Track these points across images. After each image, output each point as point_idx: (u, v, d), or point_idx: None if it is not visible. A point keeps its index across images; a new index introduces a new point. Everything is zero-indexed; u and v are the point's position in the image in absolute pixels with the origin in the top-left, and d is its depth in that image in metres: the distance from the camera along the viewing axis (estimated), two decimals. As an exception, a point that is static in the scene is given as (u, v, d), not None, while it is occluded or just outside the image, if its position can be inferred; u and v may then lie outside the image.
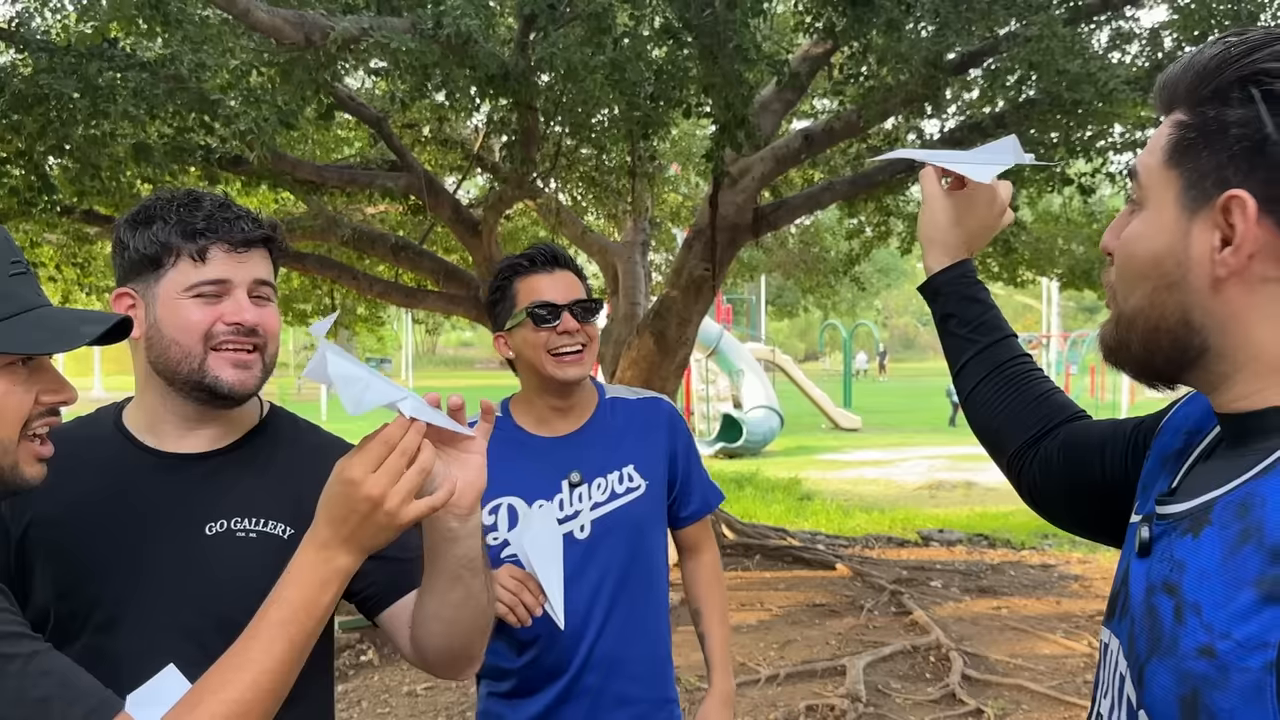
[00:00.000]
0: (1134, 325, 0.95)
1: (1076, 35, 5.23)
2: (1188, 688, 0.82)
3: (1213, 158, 0.87)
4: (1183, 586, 0.85)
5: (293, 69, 4.41)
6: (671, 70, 5.07)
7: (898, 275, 41.59)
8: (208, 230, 1.39)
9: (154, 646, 1.35)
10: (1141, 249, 0.93)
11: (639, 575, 2.03)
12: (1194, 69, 0.89)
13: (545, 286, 2.01)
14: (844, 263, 9.78)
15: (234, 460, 1.47)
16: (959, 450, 17.16)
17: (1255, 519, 0.80)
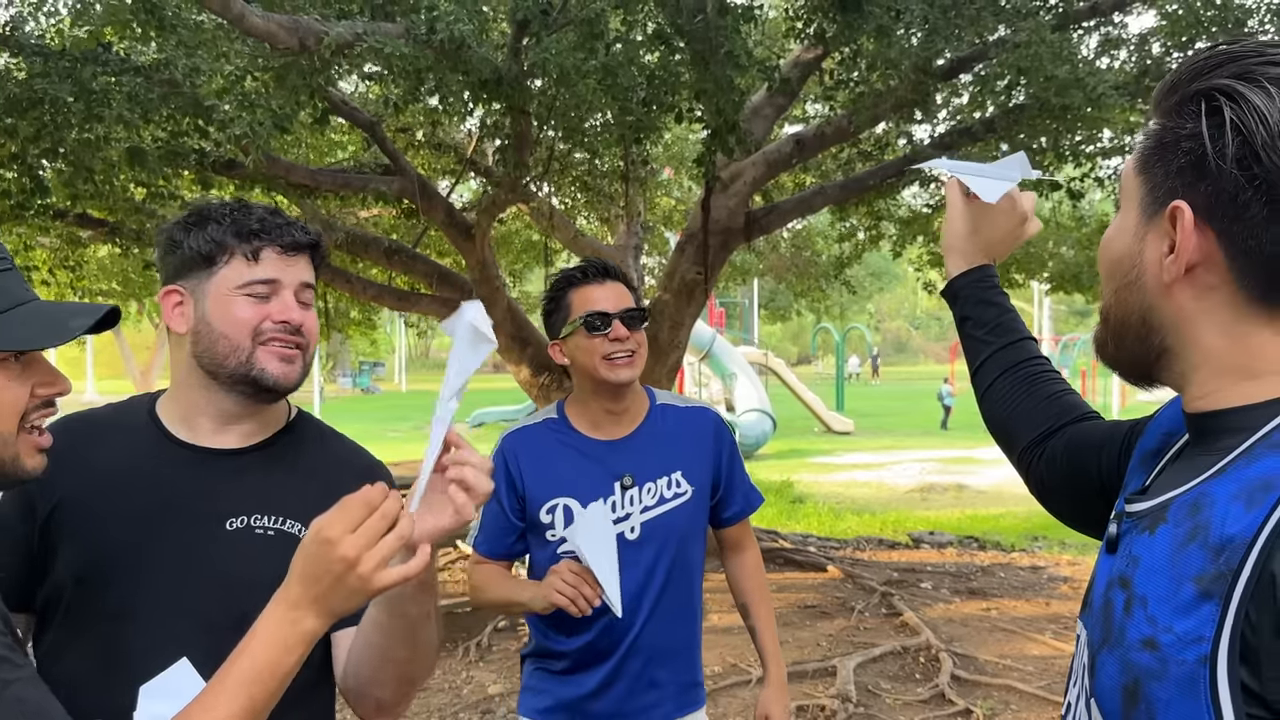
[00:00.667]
0: (1108, 322, 1.00)
1: (1065, 41, 5.27)
2: (1130, 677, 0.86)
3: (1166, 168, 0.91)
4: (1134, 580, 0.89)
5: (287, 74, 4.43)
6: (663, 76, 5.10)
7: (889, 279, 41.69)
8: (261, 232, 1.45)
9: (166, 637, 1.38)
10: (1109, 249, 0.99)
11: (681, 573, 2.18)
12: (1169, 79, 0.93)
13: (598, 297, 2.15)
14: (835, 266, 9.83)
15: (261, 458, 1.51)
16: (950, 453, 17.23)
17: (1203, 518, 0.83)
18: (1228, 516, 0.81)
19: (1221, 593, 0.78)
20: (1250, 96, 0.84)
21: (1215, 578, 0.79)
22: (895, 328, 70.37)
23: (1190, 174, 0.88)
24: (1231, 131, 0.85)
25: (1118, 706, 0.87)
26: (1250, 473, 0.83)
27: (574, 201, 8.86)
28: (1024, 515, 10.94)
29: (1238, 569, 0.78)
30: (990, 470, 15.06)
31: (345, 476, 1.51)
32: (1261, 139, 0.83)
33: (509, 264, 10.34)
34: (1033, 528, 10.17)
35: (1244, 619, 0.76)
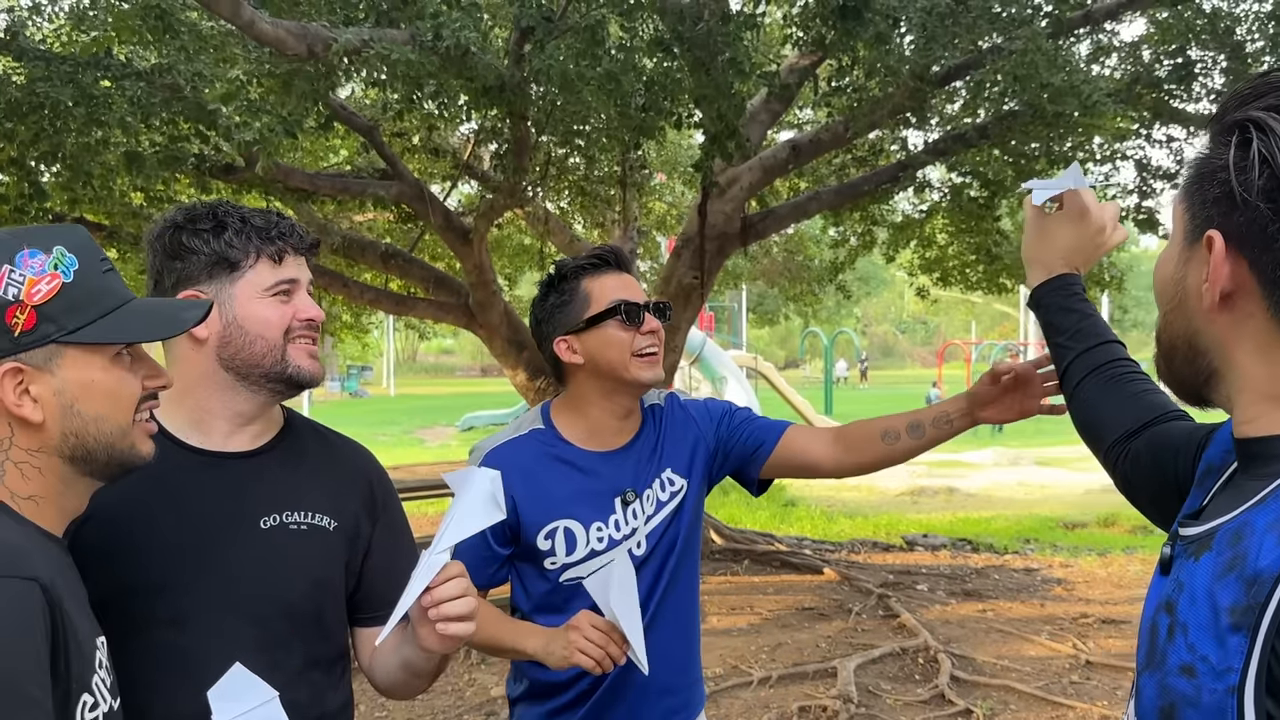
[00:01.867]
0: (1160, 342, 1.02)
1: (1060, 49, 5.34)
2: (1168, 701, 0.88)
3: (1204, 197, 0.92)
4: (1179, 607, 0.90)
5: (293, 80, 4.46)
6: (663, 81, 5.14)
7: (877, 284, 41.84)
8: (279, 236, 1.50)
9: (222, 637, 1.42)
10: (1159, 273, 1.01)
11: (685, 574, 2.04)
12: (1219, 106, 0.94)
13: (621, 286, 1.97)
14: (829, 271, 9.89)
15: (274, 458, 1.55)
16: (939, 457, 17.29)
17: (1242, 548, 0.85)
18: (1263, 548, 0.82)
19: (1250, 625, 0.80)
20: (1279, 129, 0.84)
21: (1246, 610, 0.80)
22: (882, 332, 70.61)
23: (1225, 204, 0.89)
24: (1259, 164, 0.85)
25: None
26: None
27: (570, 206, 8.89)
28: (1014, 518, 11.02)
29: (1264, 602, 0.79)
30: (979, 474, 15.16)
31: (354, 469, 1.64)
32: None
33: (502, 268, 10.37)
34: (1023, 530, 10.25)
35: (1269, 652, 0.78)
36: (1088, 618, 6.49)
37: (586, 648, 1.72)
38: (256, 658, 1.39)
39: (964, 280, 9.27)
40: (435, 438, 22.03)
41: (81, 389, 1.15)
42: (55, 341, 1.13)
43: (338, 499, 1.56)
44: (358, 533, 1.58)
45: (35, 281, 1.12)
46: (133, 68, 4.84)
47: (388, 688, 1.61)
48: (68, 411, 1.15)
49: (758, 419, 2.10)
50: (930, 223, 8.69)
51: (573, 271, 1.99)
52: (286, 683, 1.40)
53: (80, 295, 1.15)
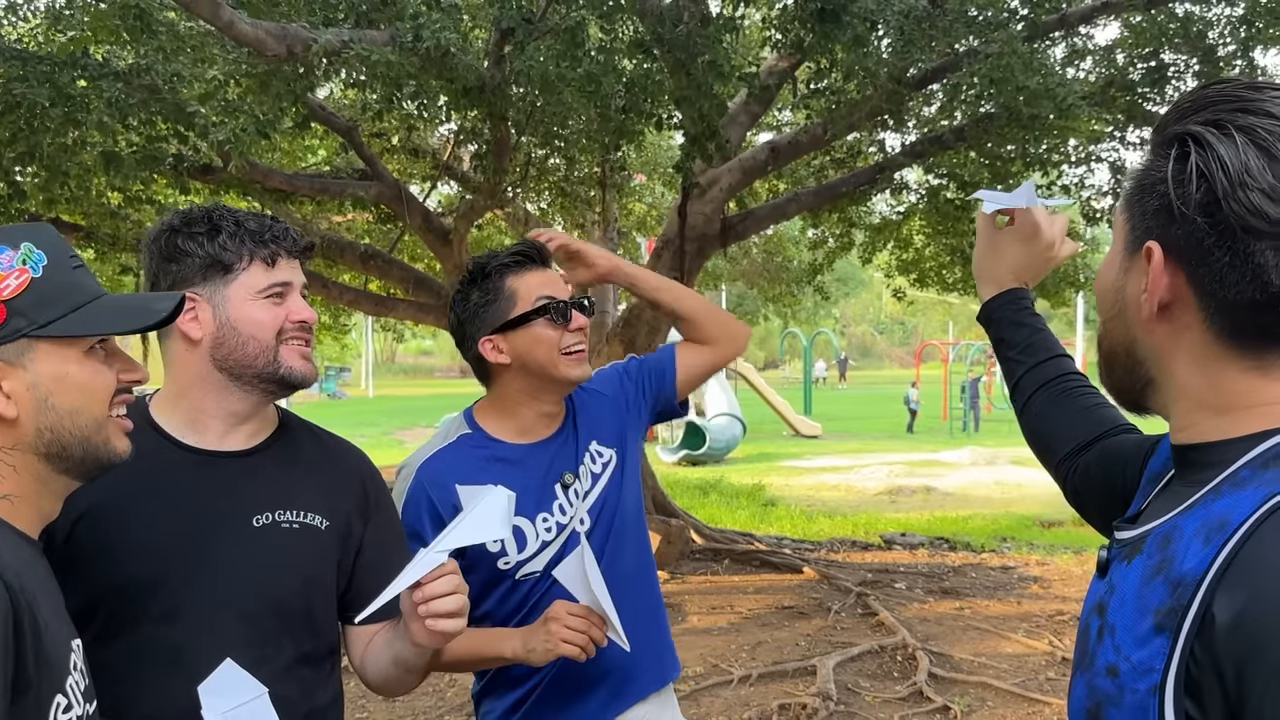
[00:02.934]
0: (1100, 349, 1.04)
1: (1035, 52, 5.40)
2: (1093, 701, 0.90)
3: (1144, 208, 0.93)
4: (1109, 608, 0.92)
5: (270, 80, 4.45)
6: (643, 83, 5.17)
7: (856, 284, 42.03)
8: (273, 239, 1.52)
9: (213, 633, 1.44)
10: (1100, 280, 1.02)
11: (631, 538, 2.04)
12: (1162, 117, 0.94)
13: (546, 283, 1.94)
14: (807, 272, 9.94)
15: (268, 457, 1.57)
16: (917, 456, 17.43)
17: (1170, 551, 0.87)
18: (1187, 553, 0.84)
19: (1172, 627, 0.82)
20: (1216, 145, 0.85)
21: (1169, 612, 0.83)
22: (860, 333, 70.94)
23: (1163, 216, 0.90)
24: (1196, 178, 0.86)
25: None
26: (1213, 510, 0.86)
27: (550, 207, 8.90)
28: (991, 517, 11.11)
29: (1186, 605, 0.81)
30: (956, 473, 15.26)
31: (347, 469, 1.66)
32: (1222, 188, 0.84)
33: (482, 269, 10.36)
34: (1000, 529, 10.33)
35: (1189, 654, 0.80)
36: (1063, 615, 6.55)
37: (569, 636, 1.72)
38: (246, 653, 1.41)
39: (940, 281, 9.35)
40: (414, 439, 21.95)
41: (55, 382, 1.15)
42: (27, 335, 1.13)
43: (330, 498, 1.58)
44: (349, 532, 1.59)
45: (3, 277, 1.13)
46: (110, 68, 4.82)
47: (379, 684, 1.62)
48: (42, 406, 1.14)
49: (648, 359, 2.15)
50: (907, 224, 8.76)
51: (496, 269, 1.93)
52: (276, 678, 1.42)
53: (50, 290, 1.15)
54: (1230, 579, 0.79)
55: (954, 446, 18.91)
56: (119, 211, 6.56)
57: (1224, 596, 0.78)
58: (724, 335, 2.16)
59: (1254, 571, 0.78)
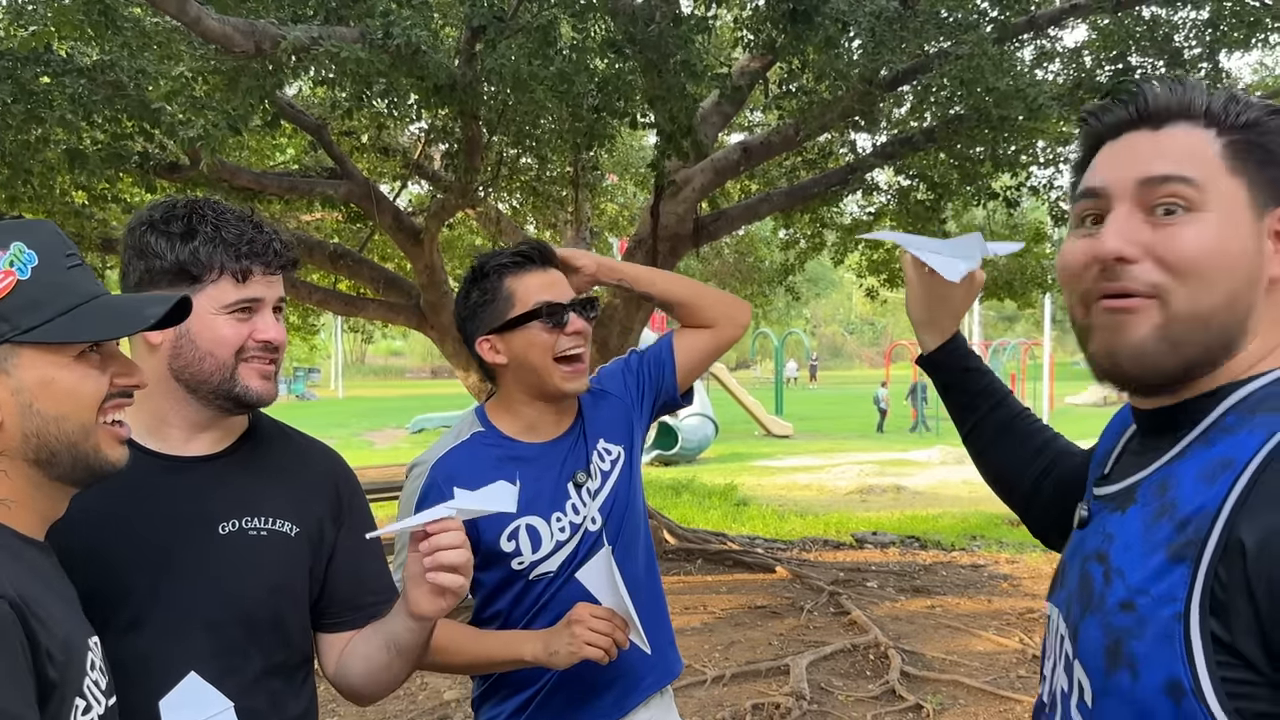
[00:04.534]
0: (1209, 324, 0.96)
1: (1005, 54, 5.44)
2: (1112, 638, 0.95)
3: (1274, 170, 0.97)
4: (1111, 554, 0.99)
5: (239, 77, 4.39)
6: (616, 83, 5.15)
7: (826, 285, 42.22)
8: (250, 253, 1.45)
9: (178, 644, 1.39)
10: (1222, 248, 0.95)
11: (637, 533, 2.01)
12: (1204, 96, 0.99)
13: (545, 285, 1.90)
14: (779, 273, 9.97)
15: (235, 462, 1.52)
16: (887, 456, 17.53)
17: (1170, 497, 0.94)
18: (1193, 493, 0.92)
19: (1192, 557, 0.89)
20: None
21: (1185, 545, 0.90)
22: (831, 333, 71.28)
23: None
24: None
25: (1101, 664, 0.96)
26: (1211, 454, 0.93)
27: (522, 206, 8.86)
28: (960, 515, 11.19)
29: (1205, 536, 0.88)
30: (926, 472, 15.36)
31: (319, 473, 1.61)
32: None
33: (454, 269, 10.30)
34: (970, 527, 10.41)
35: (1214, 578, 0.86)
36: (1034, 612, 6.61)
37: (594, 639, 1.70)
38: (212, 665, 1.37)
39: (911, 281, 9.37)
40: (385, 440, 21.83)
41: (40, 388, 1.12)
42: (9, 341, 1.11)
43: (301, 504, 1.53)
44: (321, 537, 1.55)
45: None
46: (74, 64, 4.73)
47: (361, 683, 1.56)
48: (27, 411, 1.12)
49: (647, 352, 2.12)
50: (878, 225, 8.80)
51: (495, 269, 1.91)
52: (243, 690, 1.39)
53: (38, 293, 1.12)
54: (1254, 507, 0.86)
55: (923, 446, 19.03)
56: (84, 210, 6.45)
57: (1249, 524, 0.85)
58: (722, 316, 2.14)
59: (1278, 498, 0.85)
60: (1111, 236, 0.98)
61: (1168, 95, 1.00)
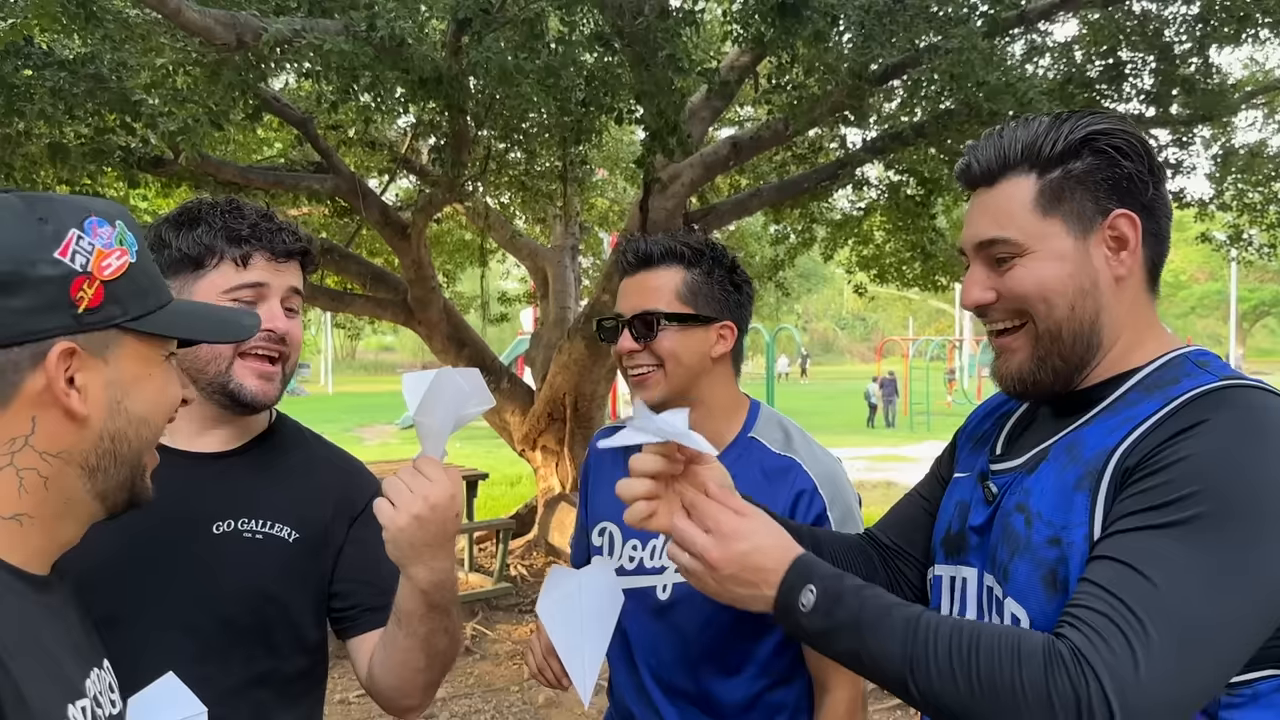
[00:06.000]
0: (1059, 336, 1.20)
1: (995, 48, 5.41)
2: (1046, 569, 1.12)
3: (1087, 195, 1.18)
4: (1029, 505, 1.17)
5: (221, 70, 4.34)
6: (603, 77, 5.11)
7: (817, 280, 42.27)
8: (252, 237, 1.42)
9: (156, 643, 1.35)
10: (1051, 275, 1.18)
11: (715, 668, 1.67)
12: (1024, 142, 1.19)
13: (625, 293, 1.77)
14: (769, 268, 9.94)
15: (244, 463, 1.48)
16: (878, 451, 17.54)
17: (1076, 451, 1.15)
18: (1094, 444, 1.13)
19: (1090, 486, 1.09)
20: (1129, 128, 1.19)
21: (1085, 476, 1.10)
22: (822, 328, 71.33)
23: (1113, 192, 1.19)
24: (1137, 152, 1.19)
25: (1040, 594, 1.12)
26: (1116, 419, 1.14)
27: (511, 201, 8.81)
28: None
29: (1102, 468, 1.09)
30: (918, 467, 15.36)
31: (331, 480, 1.54)
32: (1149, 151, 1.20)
33: (442, 264, 10.25)
34: (960, 523, 10.40)
35: (1109, 501, 1.07)
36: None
37: (531, 654, 1.64)
38: (190, 669, 1.31)
39: (900, 277, 9.38)
40: (375, 436, 21.75)
41: (135, 384, 1.02)
42: (118, 326, 1.00)
43: (304, 508, 1.48)
44: (326, 542, 1.49)
45: (105, 255, 0.98)
46: (55, 57, 4.68)
47: (384, 680, 1.44)
48: (115, 408, 1.01)
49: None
50: (868, 220, 8.78)
51: (617, 271, 1.82)
52: (222, 700, 1.34)
53: (144, 279, 1.02)
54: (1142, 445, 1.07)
55: (915, 440, 19.05)
56: (66, 205, 6.37)
57: (1137, 453, 1.07)
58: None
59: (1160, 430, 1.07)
60: (968, 290, 1.24)
61: (989, 154, 1.22)
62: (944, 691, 1.01)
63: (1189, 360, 1.18)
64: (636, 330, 1.71)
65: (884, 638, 1.06)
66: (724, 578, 1.14)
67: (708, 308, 1.74)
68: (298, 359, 1.49)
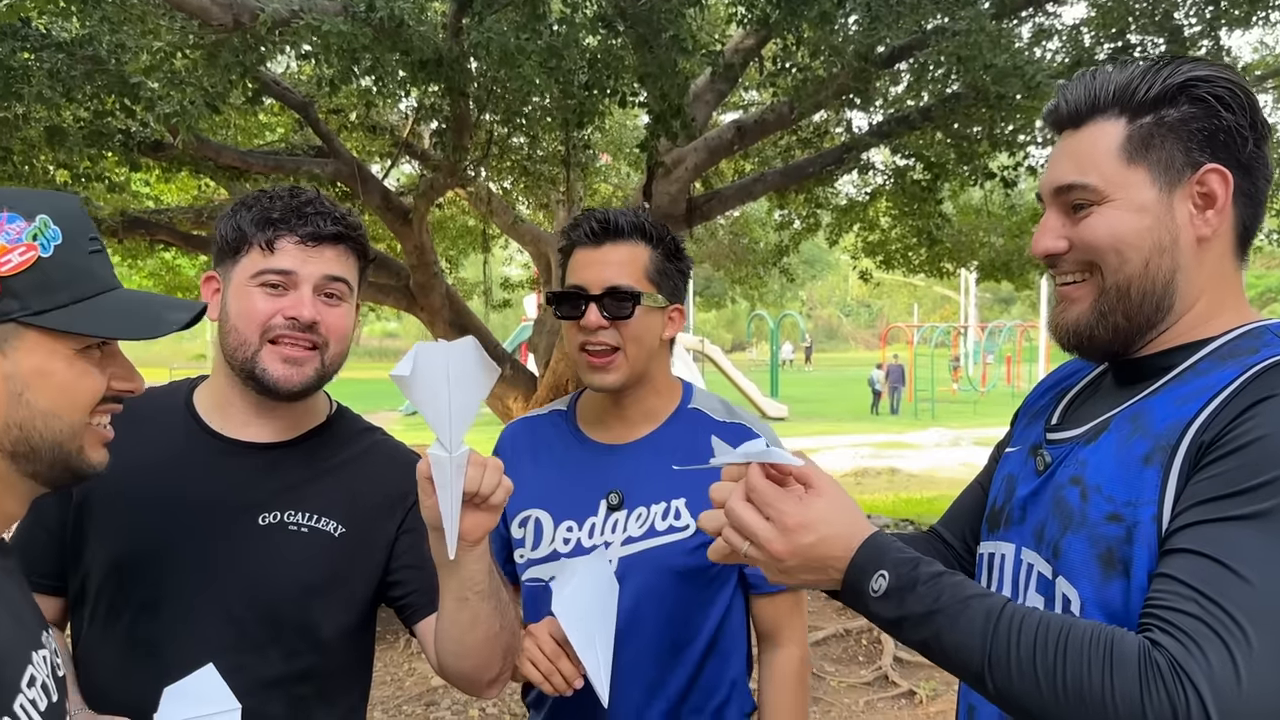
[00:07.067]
0: (1127, 292, 1.13)
1: (1003, 30, 5.35)
2: (1103, 547, 1.06)
3: (1178, 145, 1.10)
4: (1086, 477, 1.11)
5: (219, 52, 4.29)
6: (606, 59, 5.05)
7: (822, 267, 42.19)
8: (280, 221, 1.40)
9: (196, 630, 1.36)
10: (1129, 227, 1.11)
11: (672, 628, 1.65)
12: (1118, 84, 1.13)
13: (586, 264, 1.68)
14: (773, 254, 9.88)
15: (295, 454, 1.47)
16: (882, 438, 17.50)
17: (1143, 422, 1.09)
18: (1165, 416, 1.06)
19: (1162, 461, 1.02)
20: (1236, 77, 1.11)
21: (1156, 450, 1.03)
22: (827, 315, 71.22)
23: (1206, 145, 1.11)
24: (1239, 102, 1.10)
25: (1095, 573, 1.06)
26: (1185, 389, 1.07)
27: (513, 186, 8.76)
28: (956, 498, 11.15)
29: (1176, 443, 1.02)
30: (922, 454, 15.33)
31: (384, 474, 1.52)
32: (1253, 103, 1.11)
33: (445, 250, 10.20)
34: (965, 510, 10.37)
35: (1183, 479, 1.00)
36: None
37: (536, 659, 1.52)
38: (227, 658, 1.31)
39: (906, 263, 9.32)
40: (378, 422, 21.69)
41: (36, 378, 1.03)
42: (16, 320, 1.01)
43: (354, 503, 1.47)
44: (374, 538, 1.48)
45: (6, 250, 1.00)
46: (53, 38, 4.63)
47: (453, 652, 1.40)
48: (15, 400, 1.02)
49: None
50: (874, 206, 8.71)
51: (567, 240, 1.74)
52: (255, 691, 1.32)
53: (57, 274, 1.03)
54: (1218, 415, 1.00)
55: (919, 427, 19.01)
56: (65, 189, 6.34)
57: (1215, 426, 0.99)
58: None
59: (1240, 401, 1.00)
60: (1039, 237, 1.18)
61: (1079, 94, 1.16)
62: (1024, 693, 0.95)
63: (1269, 330, 1.11)
64: (607, 307, 1.64)
65: (961, 631, 1.00)
66: (790, 568, 1.10)
67: (667, 289, 1.71)
68: (343, 349, 1.45)
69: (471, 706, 4.74)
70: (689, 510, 1.65)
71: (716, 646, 1.69)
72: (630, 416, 1.73)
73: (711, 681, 1.70)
